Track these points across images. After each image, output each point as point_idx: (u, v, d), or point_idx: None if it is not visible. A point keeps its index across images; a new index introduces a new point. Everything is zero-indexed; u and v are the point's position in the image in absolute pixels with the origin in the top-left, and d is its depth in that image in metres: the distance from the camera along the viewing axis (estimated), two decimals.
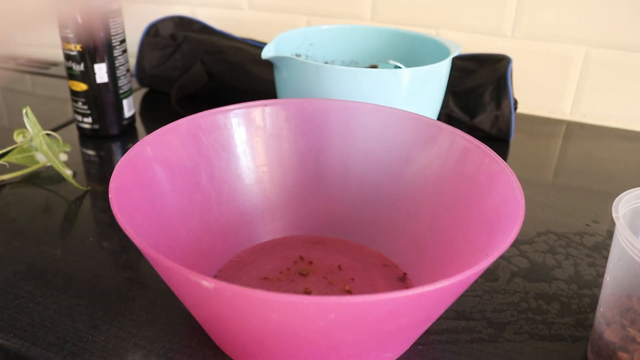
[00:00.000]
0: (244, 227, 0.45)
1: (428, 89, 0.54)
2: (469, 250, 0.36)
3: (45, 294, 0.40)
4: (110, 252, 0.45)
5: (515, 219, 0.31)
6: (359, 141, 0.46)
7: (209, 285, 0.25)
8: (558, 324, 0.39)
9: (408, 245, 0.43)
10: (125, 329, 0.37)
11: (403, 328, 0.30)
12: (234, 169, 0.44)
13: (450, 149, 0.41)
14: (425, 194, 0.42)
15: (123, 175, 0.35)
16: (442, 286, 0.25)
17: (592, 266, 0.45)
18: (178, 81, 0.75)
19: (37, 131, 0.53)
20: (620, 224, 0.31)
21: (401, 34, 0.65)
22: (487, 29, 0.77)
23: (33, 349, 0.35)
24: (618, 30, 0.71)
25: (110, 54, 0.62)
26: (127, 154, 0.36)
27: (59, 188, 0.55)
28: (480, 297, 0.41)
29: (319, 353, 0.29)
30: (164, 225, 0.37)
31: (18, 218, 0.50)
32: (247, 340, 0.31)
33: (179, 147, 0.41)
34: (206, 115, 0.42)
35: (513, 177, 0.35)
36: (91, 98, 0.64)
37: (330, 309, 0.25)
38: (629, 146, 0.70)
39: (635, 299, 0.32)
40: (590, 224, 0.51)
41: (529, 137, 0.71)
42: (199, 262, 0.40)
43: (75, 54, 0.61)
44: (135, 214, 0.34)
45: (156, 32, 0.80)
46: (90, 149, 0.64)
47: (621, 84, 0.73)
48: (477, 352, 0.36)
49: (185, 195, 0.40)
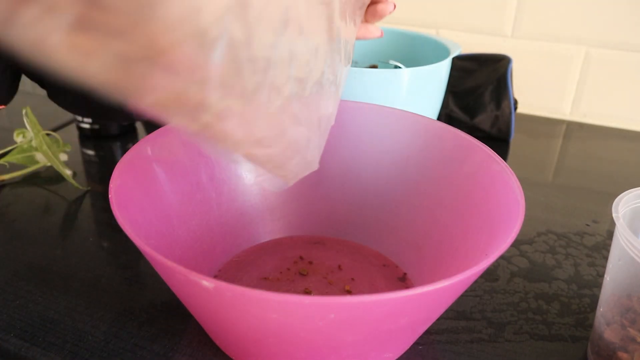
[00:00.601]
0: (244, 227, 0.45)
1: (428, 89, 0.54)
2: (469, 250, 0.36)
3: (45, 294, 0.40)
4: (110, 252, 0.45)
5: (515, 219, 0.31)
6: (359, 141, 0.46)
7: (209, 285, 0.25)
8: (558, 324, 0.39)
9: (408, 245, 0.43)
10: (125, 329, 0.37)
11: (403, 328, 0.30)
12: (234, 169, 0.44)
13: (450, 149, 0.41)
14: (425, 194, 0.42)
15: (123, 175, 0.35)
16: (442, 286, 0.25)
17: (592, 266, 0.45)
18: None
19: (37, 131, 0.53)
20: (620, 224, 0.31)
21: (401, 34, 0.65)
22: (487, 29, 0.77)
23: (33, 349, 0.35)
24: (618, 30, 0.71)
25: None
26: (127, 154, 0.36)
27: (59, 188, 0.55)
28: (480, 297, 0.41)
29: (319, 353, 0.29)
30: (164, 225, 0.37)
31: (18, 218, 0.50)
32: (247, 340, 0.31)
33: (179, 147, 0.40)
34: None
35: (513, 177, 0.35)
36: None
37: (330, 309, 0.25)
38: (629, 146, 0.70)
39: (635, 299, 0.32)
40: (590, 224, 0.51)
41: (529, 137, 0.71)
42: (199, 262, 0.40)
43: None
44: (135, 214, 0.34)
45: None
46: (90, 149, 0.64)
47: (621, 84, 0.73)
48: (477, 352, 0.36)
49: (185, 195, 0.40)
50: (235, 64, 0.22)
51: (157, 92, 0.19)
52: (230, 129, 0.24)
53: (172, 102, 0.20)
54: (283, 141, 0.29)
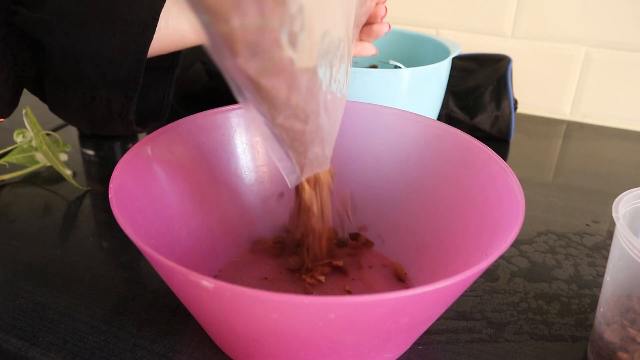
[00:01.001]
0: (244, 227, 0.45)
1: (428, 89, 0.54)
2: (469, 250, 0.36)
3: (45, 294, 0.40)
4: (110, 252, 0.45)
5: (515, 219, 0.31)
6: (358, 141, 0.46)
7: (209, 285, 0.25)
8: (558, 324, 0.39)
9: (408, 245, 0.43)
10: (125, 329, 0.37)
11: (403, 328, 0.30)
12: (234, 169, 0.44)
13: (450, 149, 0.41)
14: (425, 194, 0.42)
15: (123, 175, 0.35)
16: (442, 286, 0.25)
17: (592, 266, 0.45)
18: (178, 81, 0.75)
19: (37, 131, 0.53)
20: (620, 224, 0.31)
21: (401, 34, 0.65)
22: (487, 29, 0.77)
23: (33, 349, 0.35)
24: (618, 30, 0.71)
25: None
26: (127, 154, 0.36)
27: (59, 188, 0.55)
28: (480, 297, 0.41)
29: (319, 353, 0.29)
30: (164, 225, 0.37)
31: (18, 218, 0.50)
32: (247, 340, 0.31)
33: (179, 147, 0.41)
34: (206, 115, 0.42)
35: (513, 177, 0.35)
36: None
37: (330, 309, 0.25)
38: (629, 146, 0.70)
39: (635, 299, 0.32)
40: (590, 224, 0.51)
41: (529, 137, 0.71)
42: (199, 262, 0.40)
43: None
44: (135, 214, 0.34)
45: None
46: (90, 149, 0.64)
47: (621, 84, 0.73)
48: (477, 352, 0.36)
49: (185, 195, 0.40)
50: (312, 26, 0.26)
51: (245, 17, 0.23)
52: (280, 84, 0.27)
53: (253, 31, 0.24)
54: (314, 122, 0.31)
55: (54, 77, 0.39)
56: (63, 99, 0.40)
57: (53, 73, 0.39)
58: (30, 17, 0.37)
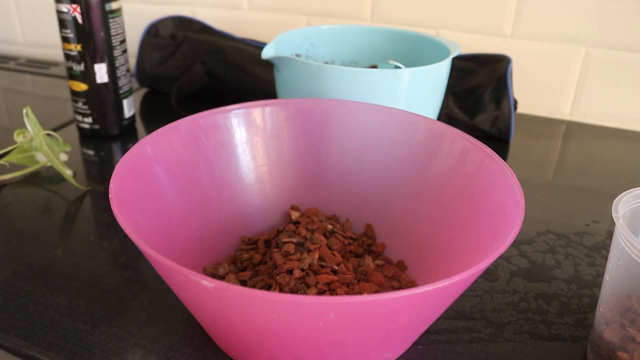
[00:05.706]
0: (244, 227, 0.45)
1: (428, 89, 0.54)
2: (469, 250, 0.36)
3: (45, 294, 0.40)
4: (110, 252, 0.45)
5: (515, 219, 0.31)
6: (359, 141, 0.46)
7: (209, 285, 0.25)
8: (558, 324, 0.39)
9: (408, 245, 0.43)
10: (125, 329, 0.37)
11: (403, 328, 0.30)
12: (234, 169, 0.44)
13: (450, 149, 0.41)
14: (425, 194, 0.42)
15: (123, 175, 0.35)
16: (442, 286, 0.25)
17: (592, 266, 0.45)
18: (178, 81, 0.75)
19: (37, 131, 0.53)
20: (620, 224, 0.31)
21: (401, 34, 0.65)
22: (487, 29, 0.77)
23: (33, 349, 0.35)
24: (618, 30, 0.71)
25: (110, 54, 0.62)
26: (127, 154, 0.36)
27: (59, 188, 0.55)
28: (480, 297, 0.41)
29: (319, 353, 0.29)
30: (164, 225, 0.37)
31: (18, 218, 0.50)
32: (247, 340, 0.31)
33: (179, 147, 0.41)
34: (206, 115, 0.42)
35: (513, 177, 0.35)
36: (91, 98, 0.64)
37: (330, 309, 0.25)
38: (629, 146, 0.70)
39: (635, 299, 0.32)
40: (590, 224, 0.51)
41: (529, 137, 0.71)
42: (199, 262, 0.40)
43: (75, 54, 0.61)
44: (135, 214, 0.34)
45: (156, 32, 0.80)
46: (90, 149, 0.64)
47: (621, 84, 0.73)
48: (477, 352, 0.36)
49: (185, 195, 0.40)
50: None
51: None
52: None
53: None
54: None
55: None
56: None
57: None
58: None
